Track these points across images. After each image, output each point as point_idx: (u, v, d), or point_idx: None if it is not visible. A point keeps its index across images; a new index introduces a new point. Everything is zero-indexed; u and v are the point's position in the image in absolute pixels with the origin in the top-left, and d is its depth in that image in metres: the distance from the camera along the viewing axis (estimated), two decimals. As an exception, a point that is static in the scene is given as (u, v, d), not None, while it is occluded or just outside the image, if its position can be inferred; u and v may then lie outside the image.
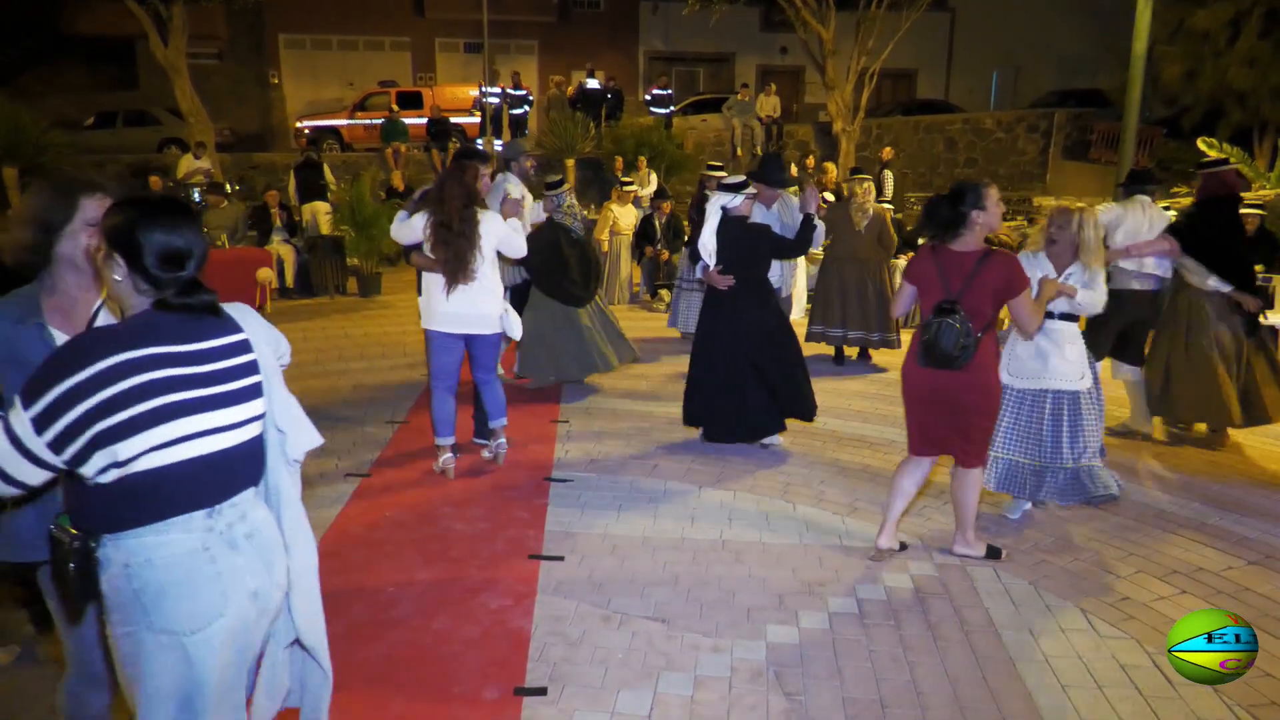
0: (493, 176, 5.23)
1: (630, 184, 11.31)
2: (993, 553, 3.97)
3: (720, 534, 4.22)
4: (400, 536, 4.14)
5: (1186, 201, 11.38)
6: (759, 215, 5.57)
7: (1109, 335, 5.58)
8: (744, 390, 5.23)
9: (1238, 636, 2.65)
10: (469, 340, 4.71)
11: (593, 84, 18.87)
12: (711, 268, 5.16)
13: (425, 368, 7.31)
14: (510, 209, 4.98)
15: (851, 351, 7.87)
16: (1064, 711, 2.90)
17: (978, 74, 25.84)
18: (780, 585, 3.72)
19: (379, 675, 3.06)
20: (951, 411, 3.70)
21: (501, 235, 4.67)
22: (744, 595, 3.63)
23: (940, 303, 3.59)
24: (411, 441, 5.49)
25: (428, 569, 3.83)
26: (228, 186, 12.15)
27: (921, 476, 3.95)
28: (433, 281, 4.59)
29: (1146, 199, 5.53)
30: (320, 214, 11.60)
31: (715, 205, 5.14)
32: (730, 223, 5.13)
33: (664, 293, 10.40)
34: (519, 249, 4.85)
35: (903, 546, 4.05)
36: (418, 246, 4.59)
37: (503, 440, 5.04)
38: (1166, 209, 9.13)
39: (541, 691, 2.96)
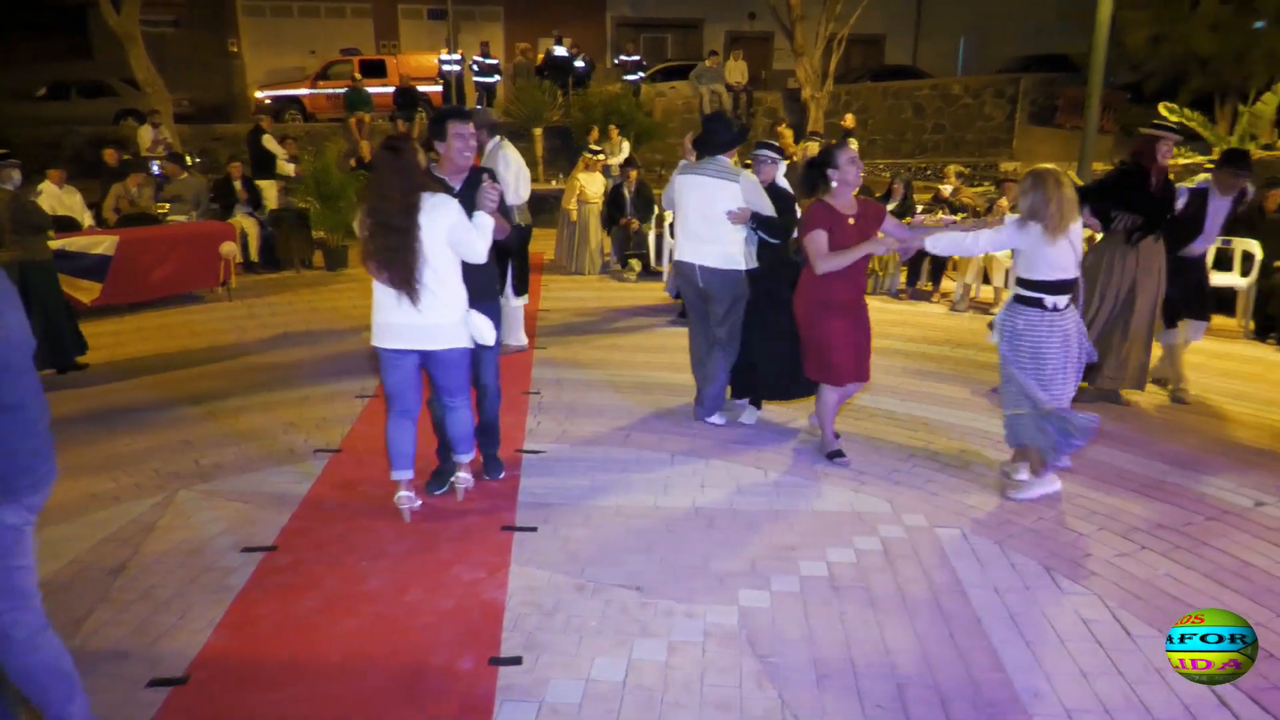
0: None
1: (599, 152, 11.23)
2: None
3: (693, 501, 4.25)
4: (372, 510, 4.13)
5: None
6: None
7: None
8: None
9: (1238, 637, 2.65)
10: (423, 358, 3.88)
11: (560, 51, 18.61)
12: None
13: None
14: (485, 199, 3.79)
15: None
16: (1028, 665, 2.97)
17: (946, 39, 25.80)
18: (752, 551, 3.76)
19: (354, 649, 3.06)
20: None
21: (452, 225, 3.66)
22: (717, 561, 3.67)
23: None
24: (382, 415, 5.43)
25: (400, 542, 3.83)
26: (188, 158, 11.88)
27: None
28: (377, 286, 3.77)
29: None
30: (267, 191, 11.33)
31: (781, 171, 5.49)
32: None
33: (634, 262, 10.37)
34: (477, 251, 3.75)
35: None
36: None
37: (465, 475, 4.23)
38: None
39: (516, 661, 2.98)
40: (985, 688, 2.86)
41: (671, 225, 9.49)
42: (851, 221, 4.39)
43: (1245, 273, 7.77)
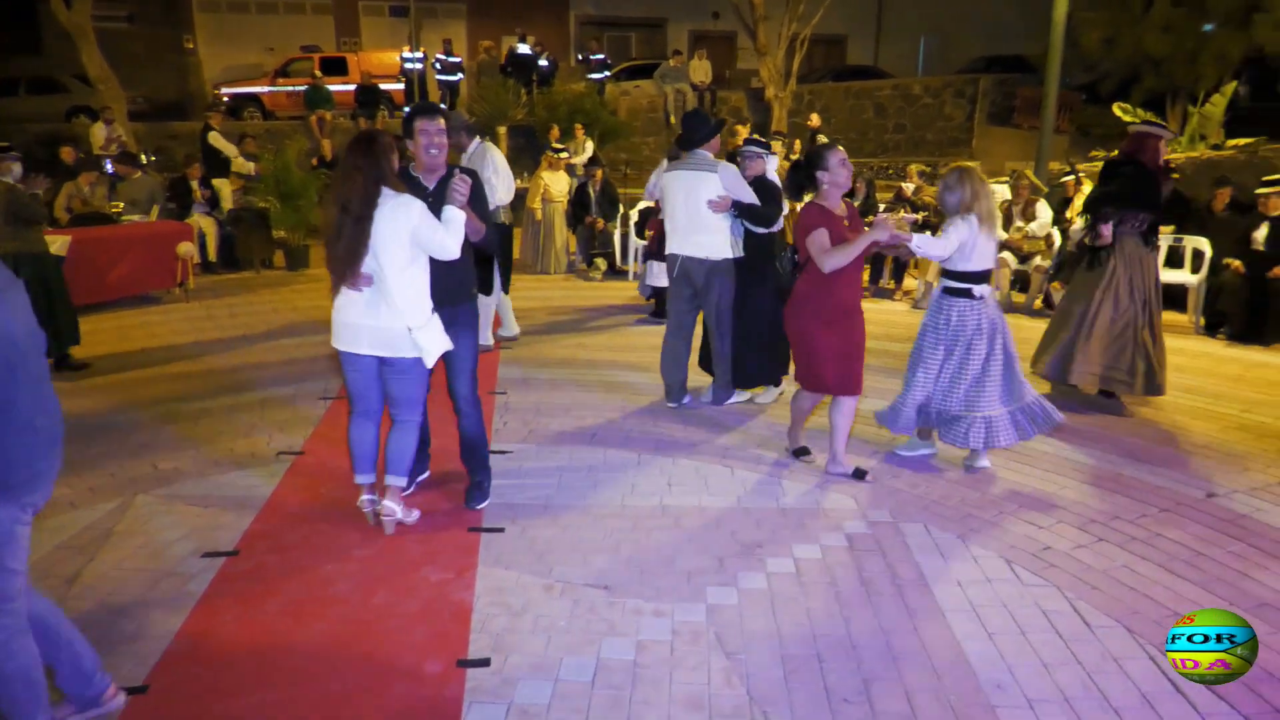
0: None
1: (561, 150, 11.20)
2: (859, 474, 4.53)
3: (660, 500, 4.26)
4: (336, 514, 4.08)
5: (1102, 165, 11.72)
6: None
7: None
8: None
9: (1234, 637, 2.63)
10: (381, 363, 3.77)
11: (523, 49, 18.51)
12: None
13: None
14: (455, 193, 3.68)
15: None
16: (990, 657, 3.02)
17: (906, 40, 26.11)
18: (719, 548, 3.78)
19: (319, 654, 3.03)
20: None
21: (415, 227, 3.54)
22: (684, 559, 3.68)
23: None
24: (344, 418, 5.37)
25: (366, 545, 3.79)
26: (142, 156, 11.64)
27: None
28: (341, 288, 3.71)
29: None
30: (220, 190, 11.12)
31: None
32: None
33: (599, 261, 10.36)
34: (446, 249, 3.63)
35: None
36: None
37: (391, 505, 3.83)
38: (1077, 171, 9.42)
39: (485, 662, 2.97)
40: (949, 679, 2.90)
41: (637, 224, 9.53)
42: (846, 223, 4.37)
43: (1195, 270, 7.97)
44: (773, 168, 5.76)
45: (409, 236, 3.56)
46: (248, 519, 4.02)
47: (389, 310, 3.62)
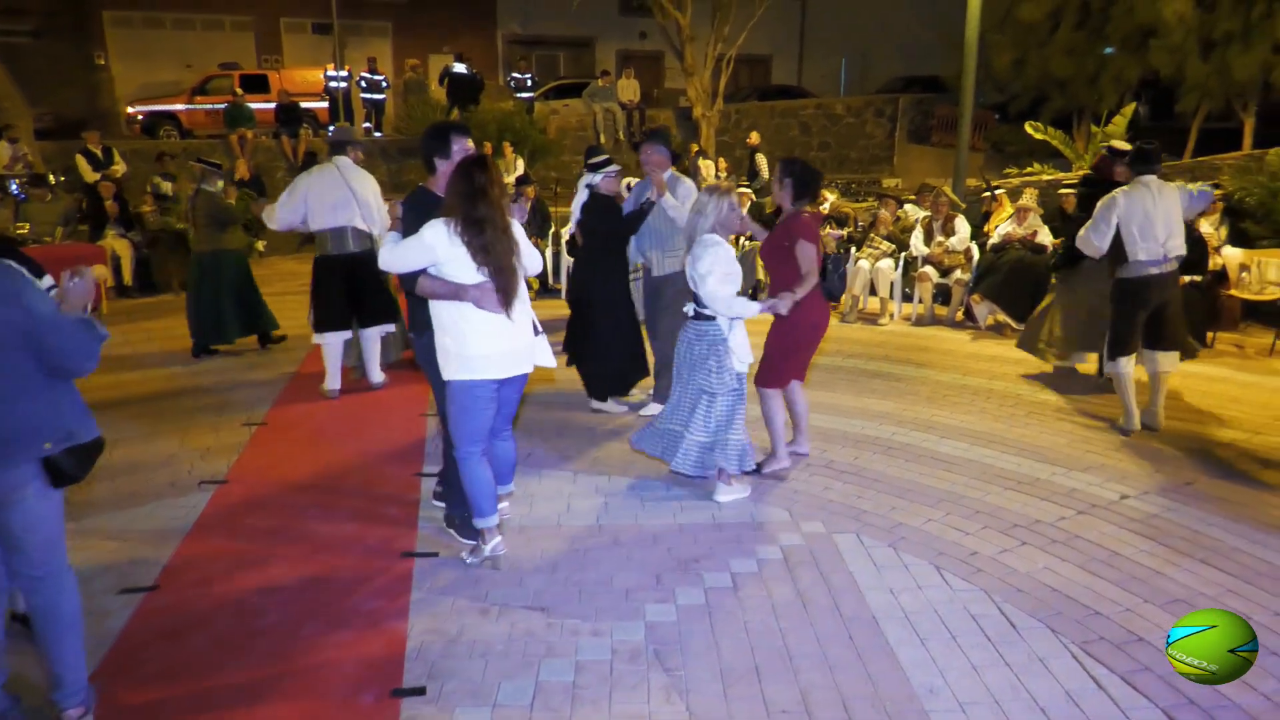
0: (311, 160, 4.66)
1: None
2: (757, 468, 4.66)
3: (597, 518, 4.25)
4: (263, 544, 3.96)
5: (1015, 181, 12.21)
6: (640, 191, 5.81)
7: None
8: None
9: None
10: (502, 384, 3.68)
11: (460, 68, 18.40)
12: (575, 232, 5.91)
13: (287, 365, 6.99)
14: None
15: None
16: (923, 662, 3.09)
17: (828, 60, 26.80)
18: (657, 565, 3.79)
19: (248, 689, 2.93)
20: None
21: (526, 245, 3.70)
22: (622, 577, 3.68)
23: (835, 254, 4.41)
24: (270, 444, 5.24)
25: (295, 575, 3.68)
26: (50, 178, 11.18)
27: None
28: (465, 316, 3.45)
29: (1153, 178, 5.28)
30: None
31: (582, 183, 5.75)
32: (596, 198, 5.63)
33: (531, 280, 10.29)
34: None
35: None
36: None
37: (506, 506, 4.16)
38: (995, 189, 9.73)
39: (420, 691, 2.91)
40: (884, 686, 2.96)
41: (568, 243, 9.54)
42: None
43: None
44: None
45: (526, 254, 3.68)
46: (168, 551, 3.87)
47: (526, 325, 3.65)
